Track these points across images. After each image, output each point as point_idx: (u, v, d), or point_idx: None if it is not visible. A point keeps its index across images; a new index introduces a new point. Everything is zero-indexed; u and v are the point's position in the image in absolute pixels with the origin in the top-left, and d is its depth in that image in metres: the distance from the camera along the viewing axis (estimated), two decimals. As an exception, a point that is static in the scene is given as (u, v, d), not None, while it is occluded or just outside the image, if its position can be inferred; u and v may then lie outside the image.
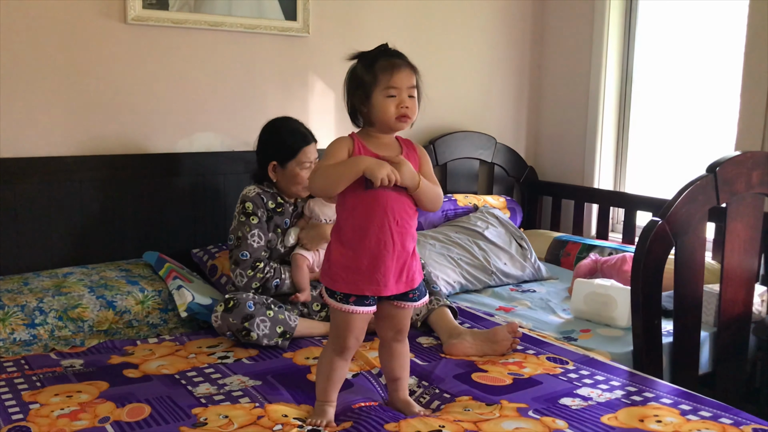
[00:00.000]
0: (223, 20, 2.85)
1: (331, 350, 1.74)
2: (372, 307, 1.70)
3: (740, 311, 2.43)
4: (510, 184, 3.77)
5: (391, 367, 1.81)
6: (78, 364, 2.05)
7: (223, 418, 1.70)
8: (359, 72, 1.65)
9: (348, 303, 1.67)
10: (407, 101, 1.63)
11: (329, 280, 1.69)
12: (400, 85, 1.62)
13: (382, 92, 1.61)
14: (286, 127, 2.46)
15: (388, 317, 1.75)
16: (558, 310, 2.67)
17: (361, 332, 1.73)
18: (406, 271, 1.69)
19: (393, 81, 1.61)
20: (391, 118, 1.62)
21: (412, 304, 1.74)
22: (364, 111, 1.66)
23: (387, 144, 1.69)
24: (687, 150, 3.29)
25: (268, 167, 2.41)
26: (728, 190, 2.26)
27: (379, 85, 1.61)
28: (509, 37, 3.68)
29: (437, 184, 1.73)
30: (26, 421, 1.68)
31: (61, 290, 2.32)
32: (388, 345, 1.80)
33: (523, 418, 1.72)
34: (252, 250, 2.34)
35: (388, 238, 1.64)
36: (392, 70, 1.61)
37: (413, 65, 1.67)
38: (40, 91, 2.58)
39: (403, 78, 1.62)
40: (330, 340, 1.76)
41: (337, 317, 1.71)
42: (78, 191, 2.64)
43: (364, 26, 3.21)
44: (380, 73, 1.61)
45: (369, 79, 1.62)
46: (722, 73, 3.09)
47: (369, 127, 1.68)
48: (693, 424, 1.68)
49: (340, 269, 1.67)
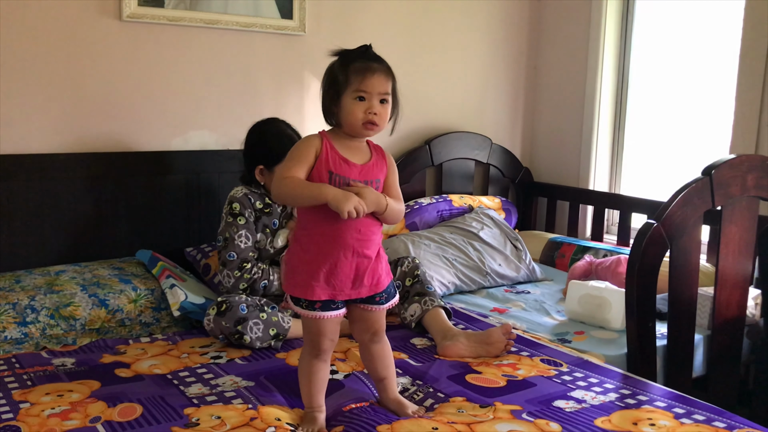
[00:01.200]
0: (219, 18, 2.84)
1: (308, 354, 1.73)
2: (341, 311, 1.69)
3: (734, 314, 2.43)
4: (505, 185, 3.77)
5: (374, 367, 1.80)
6: (69, 363, 2.03)
7: (216, 419, 1.69)
8: (335, 70, 1.61)
9: (314, 309, 1.65)
10: (377, 107, 1.58)
11: (289, 285, 1.68)
12: (371, 90, 1.57)
13: (352, 95, 1.57)
14: (272, 131, 2.44)
15: (360, 320, 1.75)
16: (552, 311, 2.67)
17: (334, 334, 1.72)
18: (369, 276, 1.67)
19: (364, 85, 1.56)
20: (357, 122, 1.58)
21: (380, 306, 1.72)
22: (334, 111, 1.62)
23: (356, 147, 1.66)
24: (682, 152, 3.29)
25: (255, 171, 2.41)
26: (723, 193, 2.26)
27: (350, 86, 1.57)
28: (506, 37, 3.67)
29: (400, 198, 1.71)
30: (16, 421, 1.66)
31: (54, 288, 2.30)
32: (367, 347, 1.79)
33: (517, 420, 1.71)
34: (239, 250, 2.33)
35: (348, 245, 1.62)
36: (365, 74, 1.56)
37: (390, 71, 1.62)
38: (33, 87, 2.56)
39: (375, 83, 1.57)
40: (305, 345, 1.74)
41: (307, 323, 1.70)
42: (71, 189, 2.63)
43: (360, 25, 3.20)
44: (353, 75, 1.57)
45: (342, 79, 1.58)
46: (717, 75, 3.10)
47: (341, 129, 1.64)
48: (687, 428, 1.67)
49: (296, 273, 1.65)
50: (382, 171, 1.69)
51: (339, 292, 1.66)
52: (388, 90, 1.61)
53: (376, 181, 1.67)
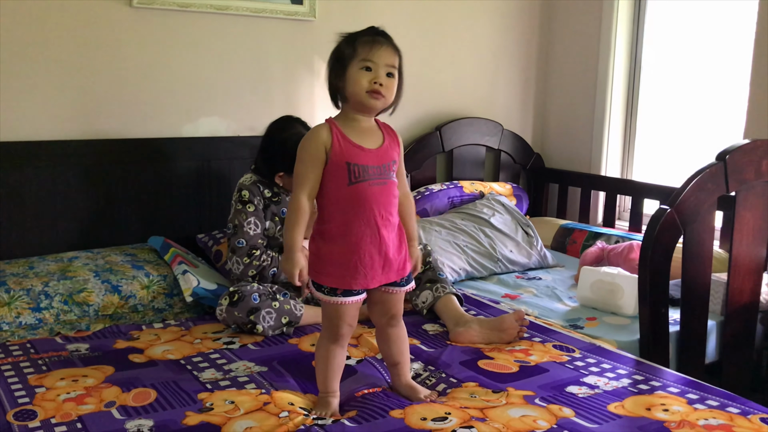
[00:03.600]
0: (229, 4, 2.83)
1: (327, 339, 1.73)
2: (361, 296, 1.70)
3: (748, 300, 2.42)
4: (516, 171, 3.75)
5: (390, 352, 1.80)
6: (83, 349, 2.05)
7: (230, 404, 1.69)
8: (341, 47, 1.62)
9: (336, 295, 1.66)
10: (383, 78, 1.58)
11: (316, 274, 1.68)
12: (377, 60, 1.57)
13: (358, 64, 1.57)
14: (292, 139, 2.27)
15: (380, 303, 1.76)
16: (564, 297, 2.66)
17: (353, 319, 1.73)
18: (395, 261, 1.69)
19: (371, 54, 1.57)
20: (362, 90, 1.57)
21: (402, 288, 1.74)
22: (340, 86, 1.61)
23: (367, 129, 1.65)
24: (695, 138, 3.27)
25: (275, 177, 2.38)
26: (738, 178, 2.24)
27: (357, 57, 1.57)
28: (517, 22, 3.65)
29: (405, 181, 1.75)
30: (32, 405, 1.68)
31: (67, 274, 2.32)
32: (384, 331, 1.80)
33: (530, 405, 1.71)
34: (248, 237, 2.33)
35: (375, 232, 1.63)
36: (372, 45, 1.58)
37: (397, 47, 1.63)
38: (44, 74, 2.56)
39: (383, 54, 1.58)
40: (324, 330, 1.75)
41: (327, 308, 1.71)
42: (82, 176, 2.63)
43: (370, 10, 3.18)
44: (360, 46, 1.58)
45: (348, 52, 1.59)
46: (732, 60, 3.07)
47: (345, 104, 1.64)
48: (700, 413, 1.67)
49: (327, 264, 1.66)
50: (397, 151, 1.69)
51: (370, 281, 1.67)
52: (395, 63, 1.61)
53: (393, 163, 1.67)
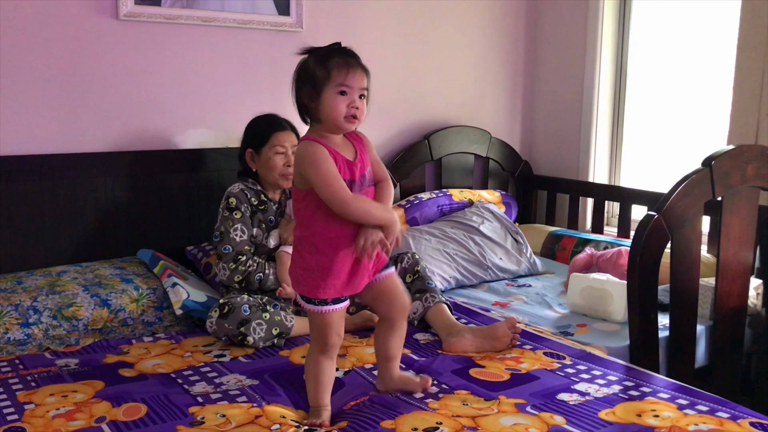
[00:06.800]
0: (216, 16, 2.83)
1: (316, 352, 1.74)
2: (346, 302, 1.72)
3: (736, 304, 2.43)
4: (505, 179, 3.77)
5: (389, 345, 1.82)
6: (73, 364, 2.03)
7: (221, 417, 1.69)
8: (311, 67, 1.62)
9: (327, 304, 1.68)
10: (357, 102, 1.61)
11: (307, 288, 1.68)
12: (353, 85, 1.60)
13: (334, 89, 1.59)
14: (264, 118, 2.54)
15: (382, 293, 1.78)
16: (554, 304, 2.67)
17: (340, 327, 1.74)
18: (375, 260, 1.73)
19: (347, 79, 1.59)
20: (340, 116, 1.60)
21: (388, 271, 1.78)
22: (312, 107, 1.63)
23: (342, 143, 1.68)
24: (681, 144, 3.29)
25: (246, 156, 2.48)
26: (724, 183, 2.26)
27: (332, 81, 1.59)
28: (504, 31, 3.67)
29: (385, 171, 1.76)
30: (21, 422, 1.66)
31: (55, 289, 2.30)
32: (398, 323, 1.81)
33: (522, 413, 1.72)
34: (234, 243, 2.35)
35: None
36: (347, 69, 1.59)
37: (366, 67, 1.65)
38: (31, 87, 2.55)
39: (357, 78, 1.61)
40: (313, 344, 1.76)
41: (315, 319, 1.71)
42: (70, 189, 2.62)
43: (357, 21, 3.19)
44: (334, 69, 1.59)
45: (321, 74, 1.59)
46: (715, 66, 3.10)
47: (317, 124, 1.66)
48: (690, 419, 1.68)
49: (317, 277, 1.67)
50: (367, 158, 1.71)
51: (359, 286, 1.71)
52: (366, 85, 1.64)
53: (369, 170, 1.70)
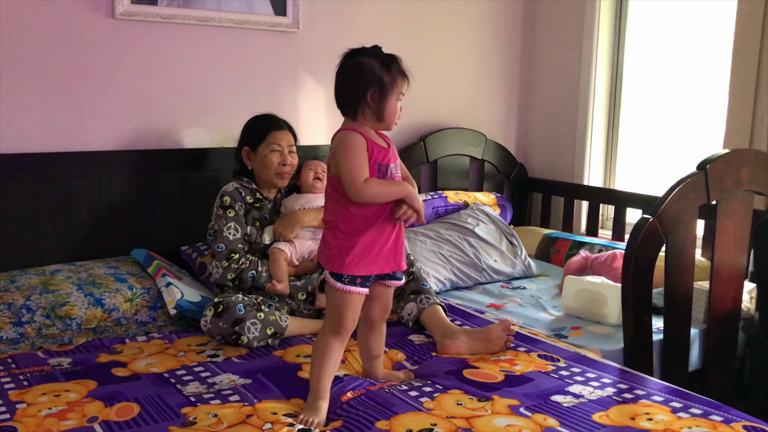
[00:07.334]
0: (213, 15, 2.83)
1: (330, 332, 1.79)
2: (368, 288, 1.79)
3: (730, 308, 2.44)
4: (500, 181, 3.77)
5: (375, 345, 1.95)
6: (66, 363, 2.03)
7: (213, 417, 1.68)
8: (377, 69, 1.73)
9: (355, 285, 1.75)
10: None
11: (337, 264, 1.74)
12: (406, 92, 1.81)
13: (396, 95, 1.76)
14: (262, 117, 2.57)
15: (379, 297, 1.88)
16: (549, 307, 2.67)
17: (357, 312, 1.80)
18: (403, 248, 1.84)
19: (405, 88, 1.79)
20: (394, 119, 1.78)
21: (398, 281, 1.87)
22: (374, 107, 1.74)
23: (376, 137, 1.81)
24: (676, 147, 3.30)
25: (242, 154, 2.50)
26: (718, 187, 2.27)
27: (396, 89, 1.75)
28: (500, 33, 3.67)
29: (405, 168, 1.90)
30: (13, 421, 1.65)
31: (49, 288, 2.29)
32: (377, 324, 1.93)
33: (515, 415, 1.71)
34: (228, 242, 2.35)
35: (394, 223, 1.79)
36: (405, 78, 1.77)
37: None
38: (26, 86, 2.55)
39: (406, 87, 1.80)
40: (327, 323, 1.80)
41: (338, 298, 1.76)
42: (65, 188, 2.61)
43: (354, 22, 3.19)
44: (398, 78, 1.75)
45: (388, 80, 1.73)
46: (711, 70, 3.10)
47: (367, 121, 1.76)
48: (684, 422, 1.68)
49: (364, 254, 1.74)
50: (396, 153, 1.85)
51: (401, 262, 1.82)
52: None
53: (398, 163, 1.83)
